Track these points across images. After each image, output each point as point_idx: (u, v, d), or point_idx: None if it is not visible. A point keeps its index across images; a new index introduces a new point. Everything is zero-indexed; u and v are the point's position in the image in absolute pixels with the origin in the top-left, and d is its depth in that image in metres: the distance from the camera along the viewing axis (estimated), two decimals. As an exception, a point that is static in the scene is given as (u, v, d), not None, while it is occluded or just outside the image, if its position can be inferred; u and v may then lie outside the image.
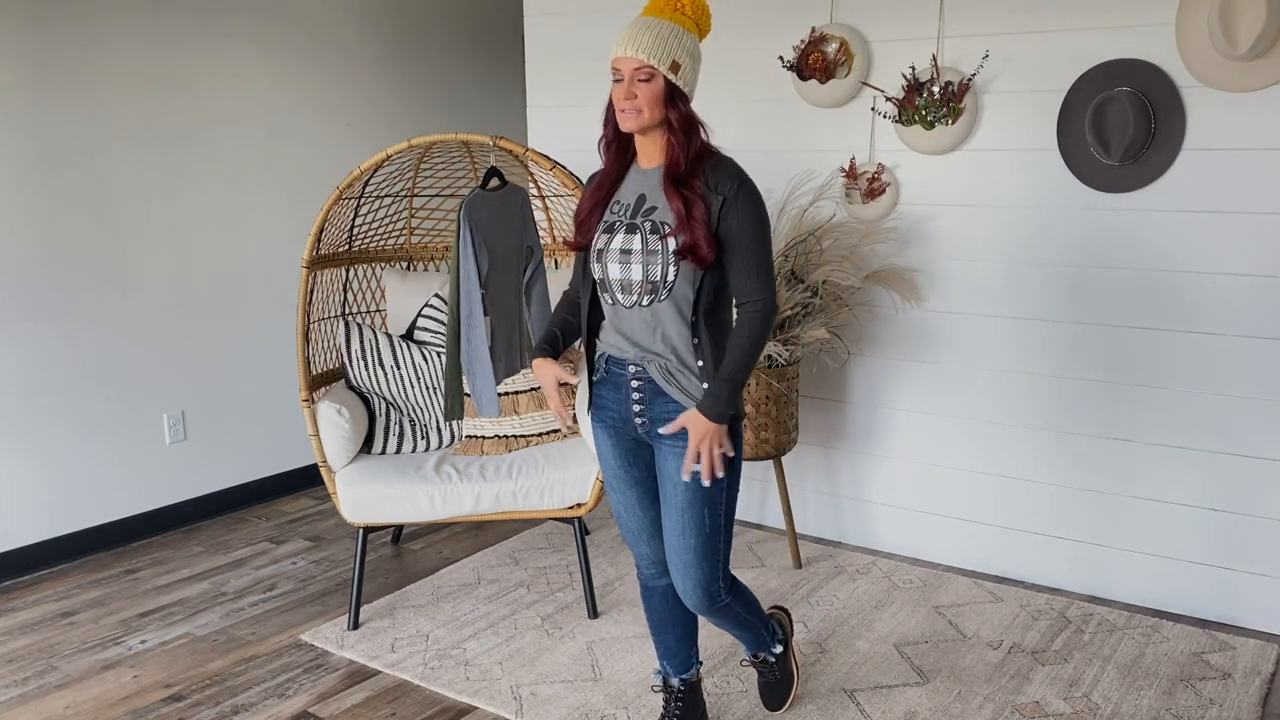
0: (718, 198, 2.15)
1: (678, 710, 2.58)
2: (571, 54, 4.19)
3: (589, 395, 2.39)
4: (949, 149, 3.41)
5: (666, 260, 2.17)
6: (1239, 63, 2.90)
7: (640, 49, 2.10)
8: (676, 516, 2.28)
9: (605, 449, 2.39)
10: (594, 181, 2.33)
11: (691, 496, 2.25)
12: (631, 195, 2.25)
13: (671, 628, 2.53)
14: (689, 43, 2.16)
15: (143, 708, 2.84)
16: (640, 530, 2.43)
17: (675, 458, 2.25)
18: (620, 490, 2.41)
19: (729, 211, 2.15)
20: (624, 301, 2.24)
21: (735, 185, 2.16)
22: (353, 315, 3.67)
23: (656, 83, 2.12)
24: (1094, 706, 2.77)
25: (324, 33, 4.50)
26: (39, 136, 3.63)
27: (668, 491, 2.30)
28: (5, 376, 3.61)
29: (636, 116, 2.14)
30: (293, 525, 4.18)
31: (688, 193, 2.15)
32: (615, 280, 2.23)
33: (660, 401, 2.26)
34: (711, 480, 2.22)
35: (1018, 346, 3.44)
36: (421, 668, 3.01)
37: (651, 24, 2.14)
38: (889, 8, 3.45)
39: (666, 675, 2.60)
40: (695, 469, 2.21)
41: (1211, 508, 3.20)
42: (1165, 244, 3.15)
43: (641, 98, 2.12)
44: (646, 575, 2.50)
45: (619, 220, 2.24)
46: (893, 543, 3.79)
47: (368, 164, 3.16)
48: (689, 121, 2.16)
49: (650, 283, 2.19)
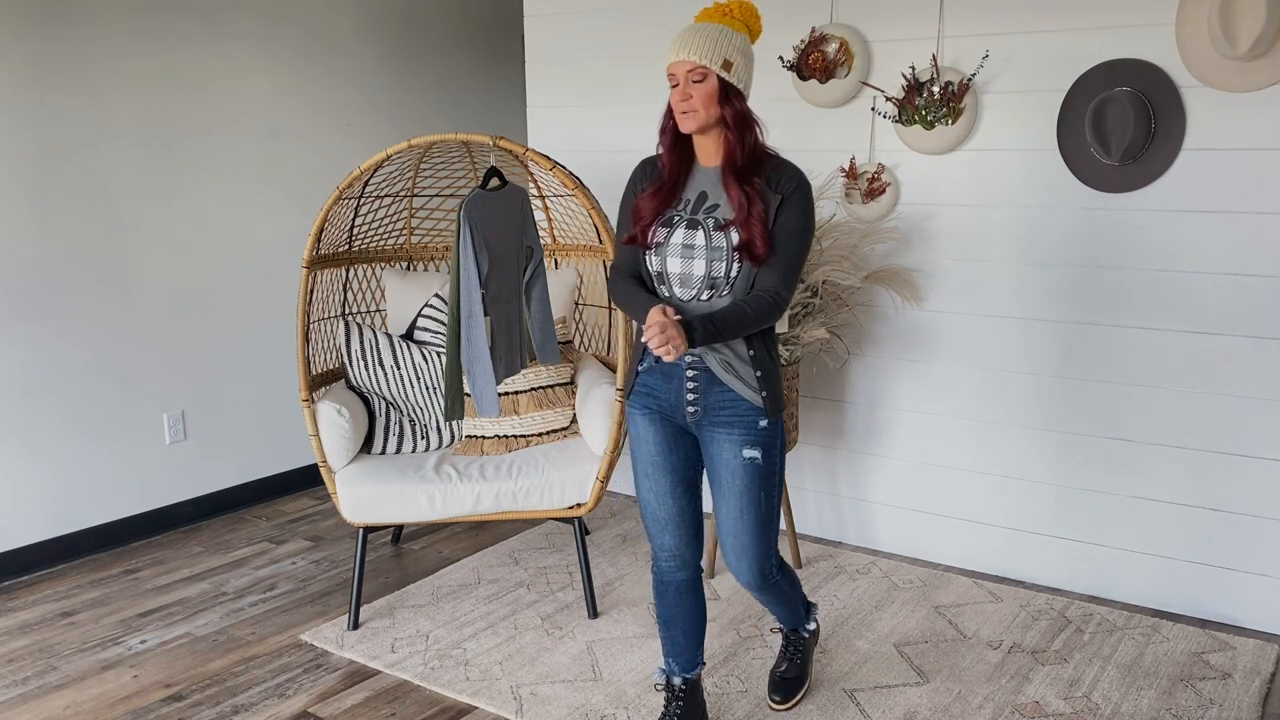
0: (776, 197, 2.25)
1: (678, 710, 2.59)
2: (571, 54, 4.19)
3: (632, 383, 2.46)
4: (949, 149, 3.41)
5: (730, 257, 2.26)
6: (1239, 63, 2.90)
7: (691, 51, 2.21)
8: (735, 500, 2.37)
9: (645, 436, 2.44)
10: (649, 173, 2.40)
11: (749, 481, 2.35)
12: (694, 192, 2.34)
13: (682, 624, 2.55)
14: (739, 42, 2.26)
15: (143, 708, 2.84)
16: (668, 520, 2.46)
17: (730, 444, 2.34)
18: (654, 478, 2.45)
19: (783, 210, 2.26)
20: (682, 295, 2.32)
21: (793, 186, 2.27)
22: (353, 315, 3.67)
23: (710, 82, 2.22)
24: (1094, 706, 2.77)
25: (324, 33, 4.50)
26: (39, 136, 3.63)
27: (723, 477, 2.37)
28: (5, 376, 3.61)
29: (694, 117, 2.24)
30: (293, 525, 4.18)
31: (748, 189, 2.25)
32: (675, 274, 2.31)
33: (716, 391, 2.34)
34: (762, 458, 2.34)
35: (1018, 346, 3.44)
36: (421, 668, 3.01)
37: (702, 28, 2.25)
38: (889, 8, 3.45)
39: (670, 673, 2.60)
40: (752, 454, 2.33)
41: (1211, 508, 3.20)
42: (1165, 244, 3.15)
43: (696, 98, 2.22)
44: (665, 568, 2.51)
45: (679, 215, 2.33)
46: (893, 543, 3.79)
47: (368, 164, 3.16)
48: (743, 118, 2.26)
49: (711, 278, 2.28)
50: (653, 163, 2.43)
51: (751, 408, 2.34)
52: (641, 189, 2.39)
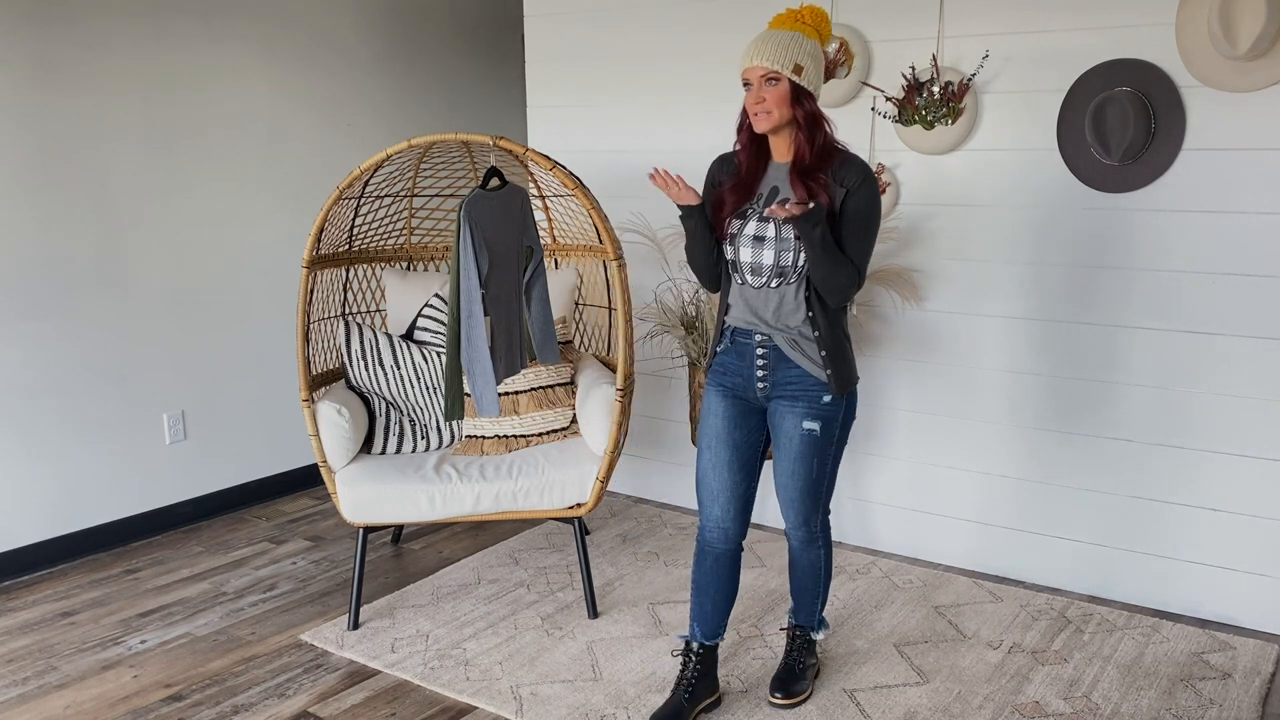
0: (841, 190, 2.39)
1: (697, 670, 2.71)
2: (571, 54, 4.19)
3: (709, 362, 2.67)
4: (949, 149, 3.41)
5: (797, 247, 2.43)
6: (1239, 63, 2.90)
7: (764, 57, 2.36)
8: (789, 463, 2.58)
9: (716, 409, 2.62)
10: (725, 168, 2.57)
11: (804, 449, 2.55)
12: (767, 187, 2.51)
13: (714, 593, 2.69)
14: (810, 47, 2.41)
15: (143, 708, 2.84)
16: (720, 492, 2.62)
17: (794, 415, 2.53)
18: (716, 450, 2.61)
19: (849, 201, 2.40)
20: (753, 282, 2.51)
21: (859, 180, 2.41)
22: (353, 315, 3.67)
23: (782, 85, 2.37)
24: (1094, 706, 2.77)
25: (324, 33, 4.50)
26: (39, 136, 3.63)
27: (783, 443, 2.58)
28: (5, 376, 3.61)
29: (767, 118, 2.39)
30: (293, 525, 4.18)
31: (813, 184, 2.39)
32: (746, 263, 2.50)
33: (784, 367, 2.53)
34: (820, 431, 2.54)
35: (1018, 346, 3.44)
36: (421, 668, 3.01)
37: (774, 35, 2.40)
38: (889, 8, 3.45)
39: (691, 637, 2.72)
40: (811, 426, 2.52)
41: (1211, 507, 3.20)
42: (1165, 244, 3.15)
43: (770, 100, 2.38)
44: (709, 539, 2.66)
45: (752, 208, 2.50)
46: (893, 543, 3.79)
47: (368, 164, 3.16)
48: (814, 118, 2.41)
49: (780, 267, 2.46)
50: (729, 158, 2.59)
51: (817, 383, 2.51)
52: (719, 183, 2.57)
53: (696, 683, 2.70)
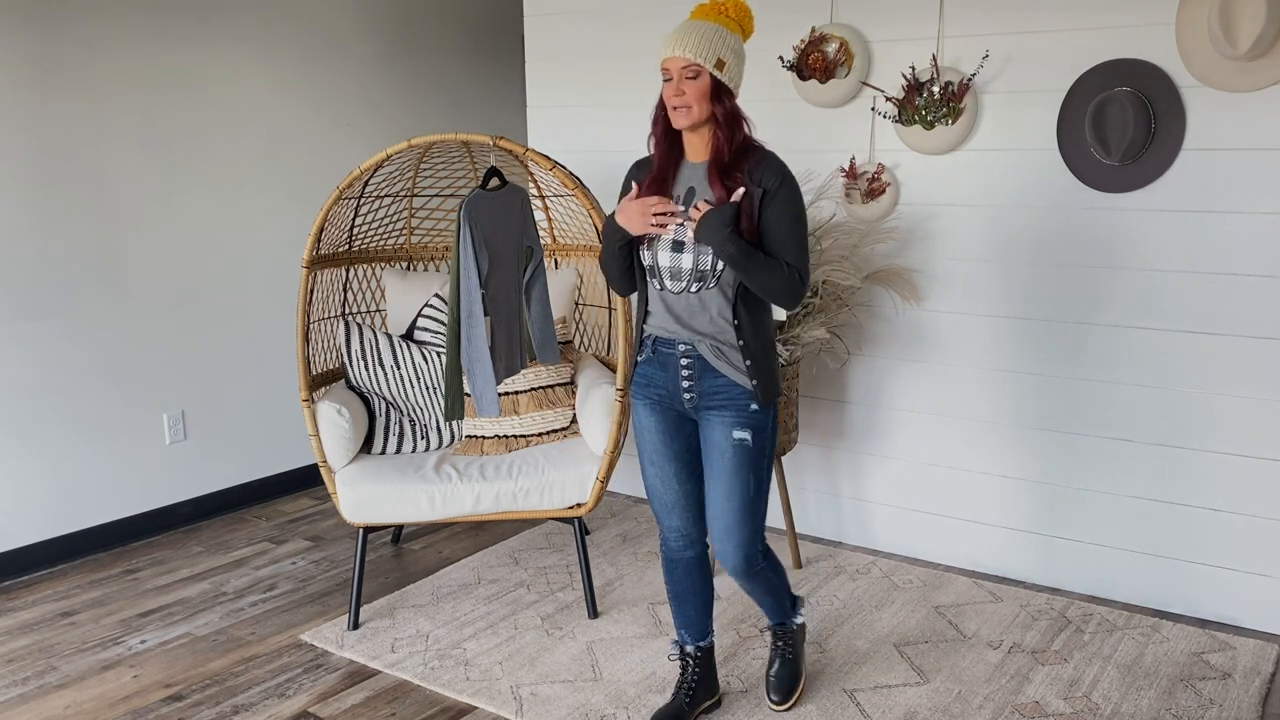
0: (759, 190, 2.30)
1: (696, 674, 2.71)
2: (571, 54, 4.19)
3: (631, 374, 2.57)
4: (949, 149, 3.41)
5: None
6: (1239, 63, 2.90)
7: (686, 49, 2.26)
8: (724, 480, 2.45)
9: (648, 425, 2.55)
10: (642, 173, 2.46)
11: (738, 461, 2.43)
12: (682, 188, 2.40)
13: (692, 598, 2.67)
14: (732, 41, 2.32)
15: (143, 708, 2.84)
16: (675, 504, 2.58)
17: (723, 425, 2.43)
18: (659, 464, 2.56)
19: (770, 204, 2.31)
20: (672, 288, 2.41)
21: (777, 180, 2.32)
22: (353, 315, 3.67)
23: (703, 80, 2.27)
24: (1094, 706, 2.77)
25: (324, 33, 4.50)
26: (39, 136, 3.63)
27: (714, 458, 2.46)
28: (5, 376, 3.61)
29: (687, 113, 2.30)
30: (293, 525, 4.18)
31: (730, 184, 2.31)
32: (665, 268, 2.40)
33: (709, 376, 2.43)
34: (752, 440, 2.42)
35: (1018, 346, 3.44)
36: (421, 668, 3.01)
37: (697, 26, 2.30)
38: (889, 8, 3.45)
39: (683, 643, 2.73)
40: (742, 436, 2.41)
41: (1211, 508, 3.20)
42: (1165, 244, 3.15)
43: (690, 94, 2.28)
44: (674, 547, 2.63)
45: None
46: (893, 543, 3.79)
47: (368, 164, 3.16)
48: (733, 116, 2.32)
49: (699, 271, 2.36)
50: (645, 164, 2.50)
51: (744, 392, 2.42)
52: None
53: (697, 686, 2.71)
